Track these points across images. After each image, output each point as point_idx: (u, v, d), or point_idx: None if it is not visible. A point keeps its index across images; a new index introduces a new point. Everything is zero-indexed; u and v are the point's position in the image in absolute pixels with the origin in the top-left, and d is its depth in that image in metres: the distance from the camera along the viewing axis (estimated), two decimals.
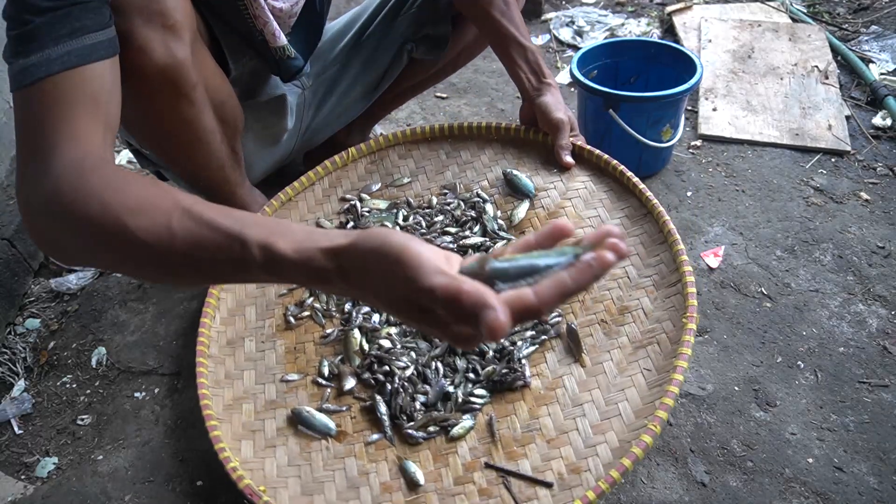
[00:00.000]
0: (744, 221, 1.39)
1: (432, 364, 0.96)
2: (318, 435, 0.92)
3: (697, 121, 1.67)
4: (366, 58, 1.32)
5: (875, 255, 1.30)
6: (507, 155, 1.23)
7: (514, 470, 0.85)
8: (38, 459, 1.04)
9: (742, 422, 1.03)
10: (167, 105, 0.93)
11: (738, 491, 0.95)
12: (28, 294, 1.31)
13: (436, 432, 0.90)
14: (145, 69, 0.85)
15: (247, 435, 0.93)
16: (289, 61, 1.08)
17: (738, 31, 1.97)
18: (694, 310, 0.92)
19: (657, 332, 0.94)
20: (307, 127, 1.36)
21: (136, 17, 0.81)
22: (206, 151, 1.05)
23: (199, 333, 1.02)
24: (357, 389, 0.97)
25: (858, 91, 1.77)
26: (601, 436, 0.86)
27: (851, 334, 1.15)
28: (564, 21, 2.19)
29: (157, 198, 0.59)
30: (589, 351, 0.95)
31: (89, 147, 0.65)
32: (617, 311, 0.98)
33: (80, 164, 0.62)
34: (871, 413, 1.04)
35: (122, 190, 0.60)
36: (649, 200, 1.07)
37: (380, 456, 0.90)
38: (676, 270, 0.98)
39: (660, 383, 0.88)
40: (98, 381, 1.15)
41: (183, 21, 0.87)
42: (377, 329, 1.02)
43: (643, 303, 0.98)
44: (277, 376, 1.00)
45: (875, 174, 1.50)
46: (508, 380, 0.93)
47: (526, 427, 0.89)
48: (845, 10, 2.16)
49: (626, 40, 1.62)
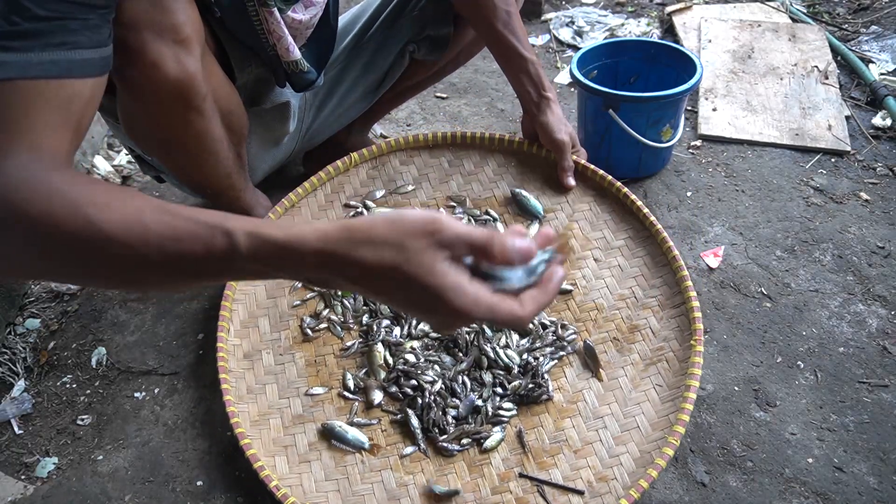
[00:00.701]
0: (744, 221, 1.39)
1: (459, 378, 1.00)
2: (351, 449, 0.95)
3: (697, 121, 1.67)
4: (367, 59, 1.31)
5: (875, 255, 1.30)
6: (510, 168, 1.26)
7: (547, 479, 0.91)
8: (38, 459, 1.04)
9: (742, 422, 1.03)
10: (177, 118, 0.92)
11: (738, 491, 0.95)
12: (28, 294, 1.31)
13: (468, 444, 0.95)
14: (157, 84, 0.85)
15: (279, 450, 0.95)
16: (301, 75, 1.08)
17: (737, 31, 1.97)
18: (700, 333, 1.00)
19: (665, 351, 1.02)
20: (308, 128, 1.36)
21: (148, 32, 0.81)
22: (215, 161, 1.05)
23: (218, 349, 1.03)
24: (385, 402, 1.00)
25: (858, 91, 1.77)
26: (623, 446, 0.93)
27: (851, 334, 1.15)
28: (564, 21, 2.19)
29: (126, 195, 0.56)
30: (604, 367, 1.02)
31: (51, 153, 0.60)
32: (627, 330, 1.05)
33: (39, 165, 0.57)
34: (871, 413, 1.04)
35: (87, 186, 0.56)
36: (653, 225, 1.13)
37: (416, 468, 0.93)
38: (680, 293, 1.06)
39: (672, 398, 0.96)
40: (98, 382, 1.15)
41: (193, 35, 0.87)
42: (401, 343, 1.05)
43: (650, 322, 1.06)
44: (301, 390, 1.02)
45: (875, 174, 1.50)
46: (534, 394, 0.98)
47: (553, 438, 0.95)
48: (845, 10, 2.16)
49: (626, 40, 1.62)
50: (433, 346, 1.05)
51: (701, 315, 1.01)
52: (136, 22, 0.80)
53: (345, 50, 1.30)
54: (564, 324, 1.06)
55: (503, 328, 1.06)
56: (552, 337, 1.04)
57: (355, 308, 1.12)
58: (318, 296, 1.14)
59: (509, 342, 1.05)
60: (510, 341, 1.05)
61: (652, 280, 1.10)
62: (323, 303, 1.13)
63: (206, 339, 1.20)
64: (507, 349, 1.03)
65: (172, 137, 0.97)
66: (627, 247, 1.14)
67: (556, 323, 1.06)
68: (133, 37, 0.79)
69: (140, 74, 0.83)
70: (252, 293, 1.13)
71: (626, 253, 1.14)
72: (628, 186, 1.19)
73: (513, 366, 1.01)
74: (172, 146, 1.00)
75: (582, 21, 2.18)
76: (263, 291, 1.14)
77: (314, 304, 1.13)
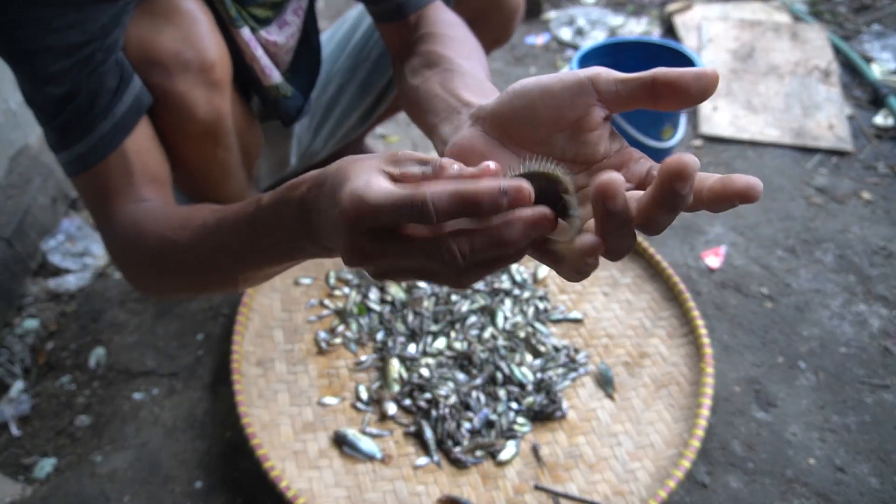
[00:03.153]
0: (745, 221, 1.39)
1: (472, 393, 1.01)
2: (363, 458, 0.96)
3: (698, 120, 1.66)
4: (362, 80, 1.29)
5: (876, 255, 1.29)
6: None
7: (562, 492, 0.91)
8: (36, 461, 1.03)
9: (743, 422, 1.03)
10: (202, 152, 0.91)
11: (740, 492, 0.95)
12: (26, 294, 1.31)
13: (483, 457, 0.95)
14: (188, 125, 0.83)
15: (288, 455, 0.96)
16: (284, 101, 0.99)
17: (738, 30, 1.96)
18: (710, 357, 1.03)
19: (675, 375, 1.05)
20: (306, 149, 1.35)
21: (181, 74, 0.78)
22: (232, 184, 1.04)
23: (232, 351, 1.05)
24: (398, 415, 1.01)
25: (860, 90, 1.76)
26: (637, 462, 0.95)
27: (853, 334, 1.15)
28: (564, 21, 2.19)
29: (195, 210, 0.64)
30: (616, 388, 1.04)
31: (145, 201, 0.71)
32: (637, 356, 1.09)
33: (135, 214, 0.68)
34: (873, 413, 1.03)
35: (167, 216, 0.66)
36: (659, 264, 1.19)
37: (428, 479, 0.94)
38: (688, 324, 1.10)
39: (685, 418, 0.99)
40: (97, 382, 1.15)
41: (224, 76, 0.84)
42: (415, 358, 1.07)
43: (660, 349, 1.09)
44: (313, 399, 1.03)
45: (876, 174, 1.50)
46: (548, 410, 0.99)
47: (567, 454, 0.96)
48: (846, 9, 2.16)
49: (626, 40, 1.61)
50: (447, 363, 1.07)
51: (709, 341, 1.05)
52: (168, 63, 0.77)
53: (340, 71, 1.27)
54: (577, 348, 1.09)
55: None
56: (565, 359, 1.07)
57: (371, 326, 1.13)
58: (334, 313, 1.16)
59: (523, 360, 1.07)
60: (524, 359, 1.07)
61: (660, 313, 1.15)
62: (338, 319, 1.15)
63: (205, 339, 1.19)
64: (521, 367, 1.05)
65: (192, 167, 0.95)
66: (635, 284, 1.20)
67: (569, 347, 1.08)
68: (166, 79, 0.77)
69: (172, 116, 0.81)
70: (268, 305, 1.16)
71: (634, 289, 1.19)
72: None
73: (527, 382, 1.03)
74: (191, 174, 0.98)
75: (582, 20, 2.17)
76: (279, 304, 1.16)
77: (329, 321, 1.15)
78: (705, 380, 1.00)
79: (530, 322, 1.12)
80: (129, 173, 0.70)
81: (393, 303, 1.16)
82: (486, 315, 1.14)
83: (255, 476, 0.96)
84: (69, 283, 1.32)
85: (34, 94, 0.67)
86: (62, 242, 1.39)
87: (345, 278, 1.21)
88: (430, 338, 1.10)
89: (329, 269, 1.23)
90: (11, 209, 1.31)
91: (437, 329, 1.11)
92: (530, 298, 1.16)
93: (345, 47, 1.28)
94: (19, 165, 1.34)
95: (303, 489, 0.91)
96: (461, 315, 1.12)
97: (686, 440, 0.94)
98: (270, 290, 1.19)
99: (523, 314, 1.14)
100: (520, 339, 1.09)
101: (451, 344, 1.09)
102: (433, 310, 1.13)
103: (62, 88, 0.66)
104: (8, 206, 1.31)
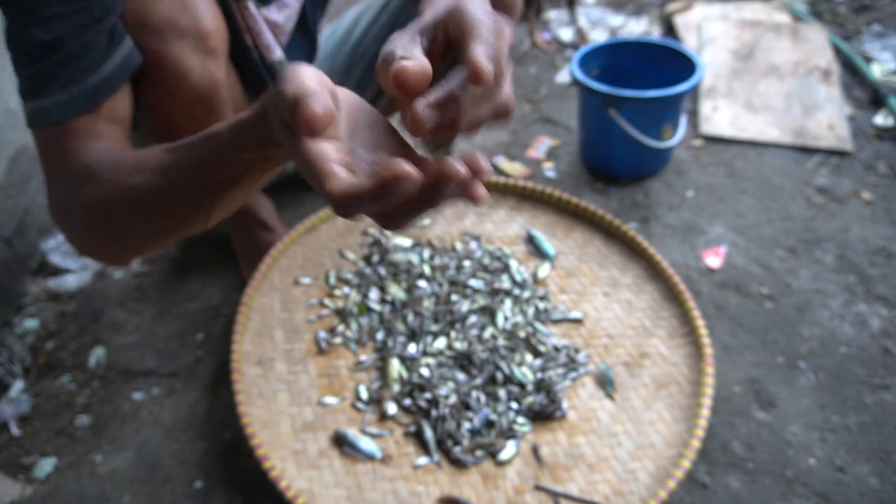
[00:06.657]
0: (745, 221, 1.38)
1: (472, 393, 1.01)
2: (363, 458, 0.95)
3: (698, 120, 1.66)
4: (359, 77, 1.29)
5: (877, 256, 1.29)
6: (522, 211, 1.34)
7: (563, 492, 0.91)
8: (36, 460, 1.03)
9: (743, 422, 1.03)
10: (196, 122, 0.91)
11: (740, 492, 0.95)
12: (26, 294, 1.31)
13: (483, 456, 0.95)
14: (183, 90, 0.83)
15: (288, 455, 0.96)
16: None
17: (738, 30, 1.96)
18: (710, 357, 1.03)
19: (675, 375, 1.05)
20: None
21: (176, 40, 0.79)
22: None
23: (232, 350, 1.05)
24: (398, 415, 1.01)
25: (860, 90, 1.76)
26: (638, 462, 0.94)
27: (853, 335, 1.15)
28: (565, 20, 2.19)
29: (146, 152, 0.61)
30: (616, 388, 1.04)
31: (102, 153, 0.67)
32: (637, 356, 1.08)
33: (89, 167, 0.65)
34: (873, 414, 1.03)
35: (115, 162, 0.63)
36: (659, 264, 1.18)
37: (428, 479, 0.93)
38: (688, 324, 1.10)
39: (685, 418, 0.98)
40: (96, 382, 1.14)
41: (220, 44, 0.85)
42: (416, 358, 1.07)
43: (660, 349, 1.09)
44: (313, 399, 1.03)
45: (877, 174, 1.50)
46: (548, 410, 0.99)
47: (568, 454, 0.97)
48: (847, 9, 2.15)
49: (627, 40, 1.61)
50: (448, 363, 1.06)
51: (709, 341, 1.05)
52: (164, 29, 0.78)
53: (338, 69, 1.27)
54: (577, 348, 1.09)
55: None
56: (565, 359, 1.06)
57: (371, 326, 1.13)
58: (334, 313, 1.16)
59: (523, 360, 1.06)
60: (524, 359, 1.07)
61: (660, 313, 1.14)
62: (338, 318, 1.15)
63: (205, 339, 1.19)
64: (521, 366, 1.05)
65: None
66: (636, 284, 1.20)
67: (569, 347, 1.08)
68: (161, 45, 0.77)
69: (166, 81, 0.81)
70: (268, 304, 1.16)
71: (634, 289, 1.19)
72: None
73: (527, 382, 1.03)
74: None
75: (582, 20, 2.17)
76: (279, 303, 1.16)
77: (329, 321, 1.15)
78: (705, 380, 1.00)
79: (530, 322, 1.12)
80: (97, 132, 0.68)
81: (393, 303, 1.16)
82: (487, 315, 1.14)
83: (255, 476, 0.96)
84: (69, 283, 1.32)
85: (19, 35, 0.64)
86: (62, 242, 1.39)
87: (345, 278, 1.21)
88: (430, 338, 1.10)
89: (329, 269, 1.23)
90: (11, 209, 1.31)
91: (438, 329, 1.11)
92: (530, 298, 1.16)
93: (342, 46, 1.28)
94: (19, 165, 1.34)
95: (303, 489, 0.91)
96: (461, 315, 1.12)
97: (686, 440, 0.94)
98: (270, 289, 1.19)
99: (523, 314, 1.14)
100: (520, 339, 1.09)
101: (451, 344, 1.09)
102: (433, 310, 1.13)
103: (50, 35, 0.63)
104: (8, 206, 1.31)
